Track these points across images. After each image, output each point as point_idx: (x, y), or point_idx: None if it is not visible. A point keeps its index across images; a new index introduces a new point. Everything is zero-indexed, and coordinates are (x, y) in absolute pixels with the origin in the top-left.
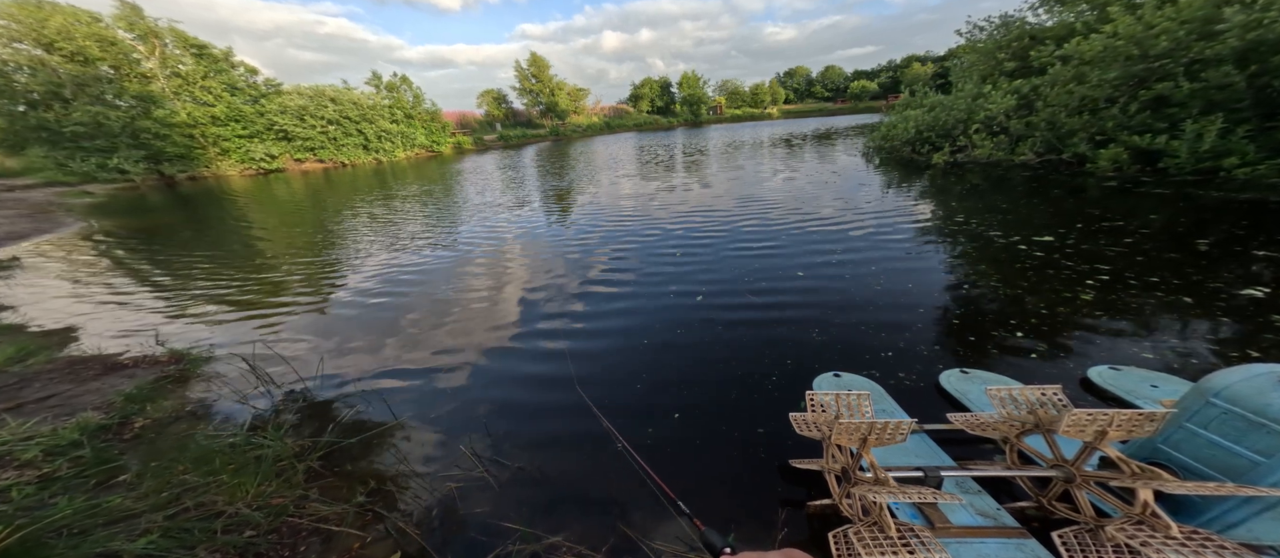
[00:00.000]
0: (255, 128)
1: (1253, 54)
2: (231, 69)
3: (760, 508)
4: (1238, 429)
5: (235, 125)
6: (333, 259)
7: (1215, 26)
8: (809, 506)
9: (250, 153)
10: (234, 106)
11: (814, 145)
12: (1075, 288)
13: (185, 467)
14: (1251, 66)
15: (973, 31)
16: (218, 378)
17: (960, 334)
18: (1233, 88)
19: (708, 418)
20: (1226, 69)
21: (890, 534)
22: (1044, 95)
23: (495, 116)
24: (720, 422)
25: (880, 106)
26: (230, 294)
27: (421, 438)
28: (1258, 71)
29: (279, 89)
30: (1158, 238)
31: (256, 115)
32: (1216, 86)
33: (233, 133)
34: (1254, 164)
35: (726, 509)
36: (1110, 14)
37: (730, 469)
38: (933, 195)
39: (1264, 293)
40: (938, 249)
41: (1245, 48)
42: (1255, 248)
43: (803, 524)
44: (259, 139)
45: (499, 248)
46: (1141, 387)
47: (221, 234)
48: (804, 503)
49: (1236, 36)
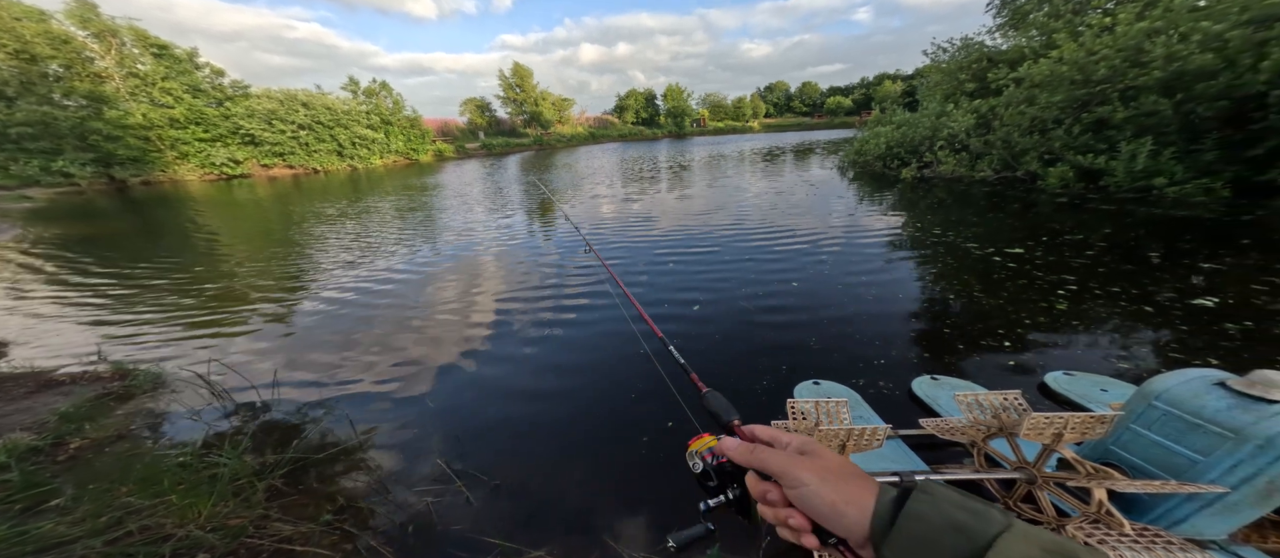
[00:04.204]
0: (218, 131)
1: (1176, 83)
2: (196, 70)
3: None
4: (1178, 430)
5: (196, 128)
6: (297, 269)
7: (1144, 57)
8: None
9: (211, 157)
10: (196, 109)
11: (794, 160)
12: (1050, 297)
13: (128, 488)
14: (1177, 95)
15: (937, 52)
16: (167, 394)
17: (931, 342)
18: (1160, 113)
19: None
20: (1154, 96)
21: None
22: (1000, 115)
23: (478, 124)
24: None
25: (855, 122)
26: (184, 306)
27: (393, 453)
28: (1182, 99)
29: (247, 92)
30: (1114, 251)
31: (221, 118)
32: (1146, 112)
33: (193, 136)
34: (1181, 183)
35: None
36: (1056, 40)
37: None
38: (903, 208)
39: (1213, 302)
40: (911, 260)
41: (1169, 77)
42: (1201, 261)
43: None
44: (222, 143)
45: (475, 257)
46: (1093, 391)
47: (176, 242)
48: None
49: (1161, 66)
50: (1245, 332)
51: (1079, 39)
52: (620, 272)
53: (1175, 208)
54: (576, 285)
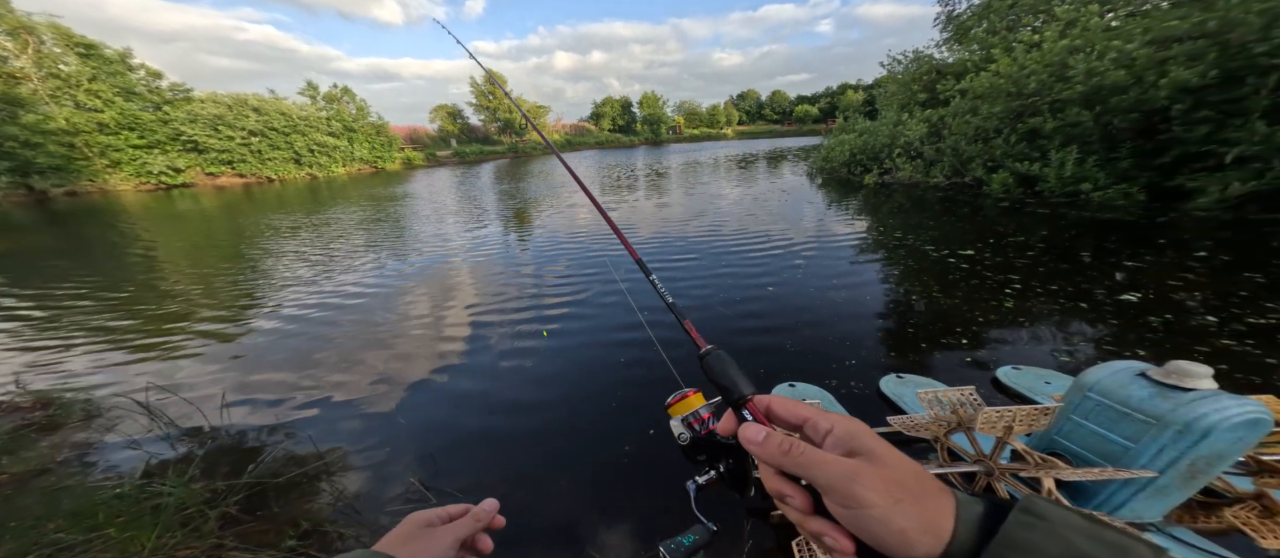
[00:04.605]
0: (156, 137)
1: (1095, 96)
2: (129, 72)
3: (727, 518)
4: (1110, 419)
5: (129, 134)
6: (250, 285)
7: (1068, 72)
8: (772, 515)
9: (147, 166)
10: (129, 113)
11: (767, 166)
12: (999, 295)
13: (57, 524)
14: (1096, 107)
15: (892, 64)
16: (99, 424)
17: (896, 341)
18: (1083, 124)
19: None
20: (1077, 108)
21: None
22: (949, 124)
23: (450, 132)
24: None
25: (821, 129)
26: (117, 328)
27: (362, 473)
28: (1101, 111)
29: (189, 96)
30: (1051, 251)
31: (158, 124)
32: (1071, 123)
33: (126, 142)
34: (1104, 188)
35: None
36: (994, 55)
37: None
38: (868, 213)
39: (1137, 297)
40: (877, 263)
41: (1089, 91)
42: (1125, 259)
43: (769, 534)
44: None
45: (448, 268)
46: (1038, 384)
47: (107, 258)
48: (767, 513)
49: (1082, 81)
50: (1166, 323)
51: (1012, 54)
52: (598, 281)
53: (1101, 211)
54: (555, 295)
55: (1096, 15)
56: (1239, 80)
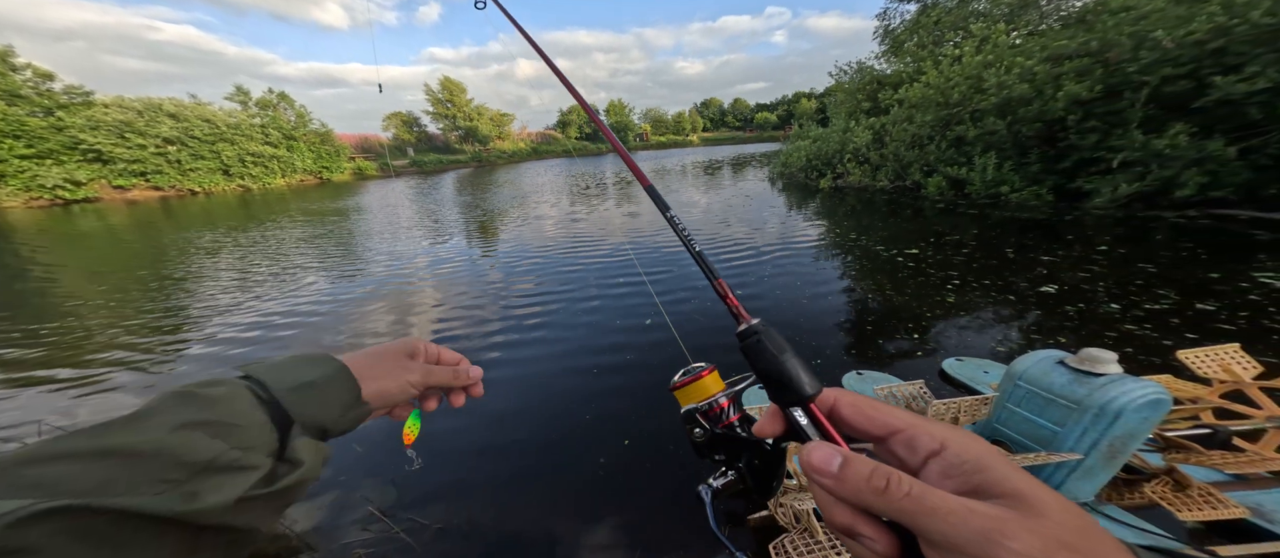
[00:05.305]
0: (48, 146)
1: (1006, 107)
2: (12, 72)
3: (704, 525)
4: (1038, 405)
5: (14, 143)
6: (174, 307)
7: (984, 84)
8: (749, 519)
9: (40, 178)
10: (13, 119)
11: (732, 172)
12: (942, 291)
13: None
14: (1008, 117)
15: (840, 74)
16: None
17: (856, 338)
18: (999, 132)
19: (656, 439)
20: (993, 117)
21: (819, 538)
22: (889, 132)
23: (406, 140)
24: (668, 441)
25: (779, 136)
26: (19, 360)
27: (312, 504)
28: (1012, 121)
29: (88, 100)
30: (982, 248)
31: (50, 130)
32: (989, 131)
33: (11, 152)
34: (1019, 190)
35: (671, 529)
36: (924, 67)
37: (672, 487)
38: (825, 215)
39: (1055, 289)
40: (835, 263)
41: (1001, 102)
42: (1042, 255)
43: (747, 538)
44: (56, 160)
45: (404, 286)
46: (978, 374)
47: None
48: (745, 517)
49: (995, 93)
50: (1079, 312)
51: (939, 67)
52: (571, 297)
53: (1019, 211)
54: (521, 309)
55: (1004, 33)
56: (1119, 94)
